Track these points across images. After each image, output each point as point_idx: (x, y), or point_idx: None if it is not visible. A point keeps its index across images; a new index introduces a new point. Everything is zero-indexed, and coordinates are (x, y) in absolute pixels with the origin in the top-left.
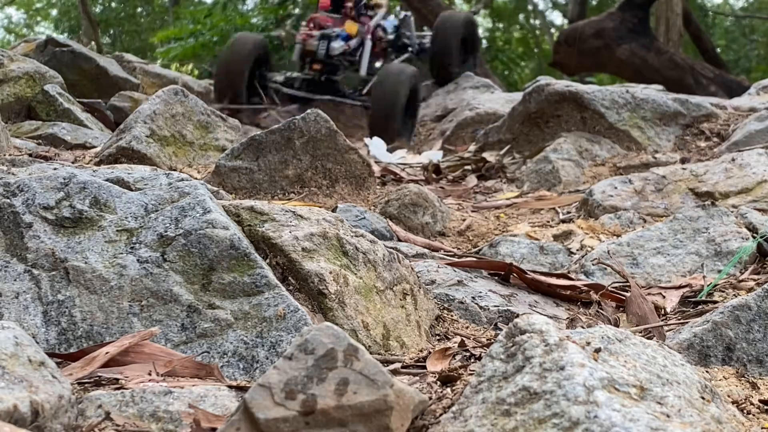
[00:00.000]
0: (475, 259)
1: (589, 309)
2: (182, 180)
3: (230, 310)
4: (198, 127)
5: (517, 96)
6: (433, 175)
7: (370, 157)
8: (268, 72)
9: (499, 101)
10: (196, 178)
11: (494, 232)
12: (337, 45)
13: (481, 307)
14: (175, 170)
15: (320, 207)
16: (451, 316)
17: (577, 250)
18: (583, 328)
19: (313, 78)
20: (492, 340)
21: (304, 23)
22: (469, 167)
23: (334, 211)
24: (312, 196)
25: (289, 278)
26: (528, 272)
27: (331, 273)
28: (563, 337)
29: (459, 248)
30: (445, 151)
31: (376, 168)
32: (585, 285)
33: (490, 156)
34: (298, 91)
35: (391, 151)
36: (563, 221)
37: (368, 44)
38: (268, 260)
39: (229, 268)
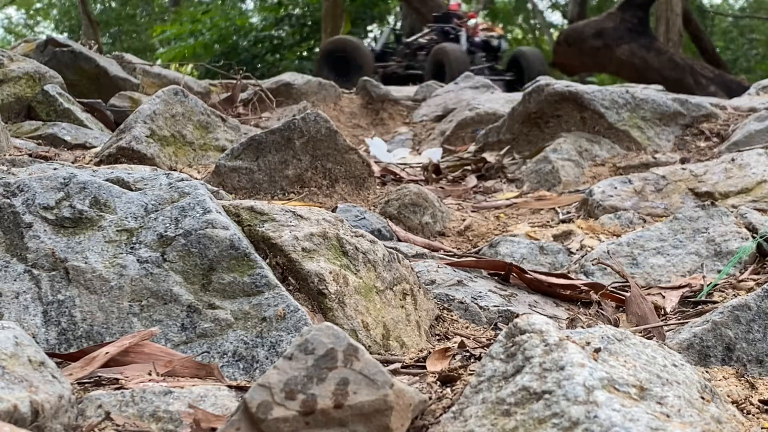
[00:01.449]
0: (475, 259)
1: (589, 309)
2: (182, 180)
3: (230, 310)
4: (198, 127)
5: (517, 96)
6: (433, 175)
7: (370, 157)
8: None
9: (499, 101)
10: (196, 178)
11: (494, 232)
12: (504, 43)
13: (481, 307)
14: (175, 170)
15: (320, 207)
16: (451, 316)
17: (577, 250)
18: (583, 328)
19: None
20: (492, 340)
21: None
22: (469, 167)
23: (334, 211)
24: (312, 196)
25: (289, 278)
26: (528, 272)
27: (331, 273)
28: (563, 337)
29: (459, 248)
30: (445, 151)
31: (376, 168)
32: (585, 285)
33: (490, 156)
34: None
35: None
36: (563, 221)
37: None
38: (268, 260)
39: (229, 268)
